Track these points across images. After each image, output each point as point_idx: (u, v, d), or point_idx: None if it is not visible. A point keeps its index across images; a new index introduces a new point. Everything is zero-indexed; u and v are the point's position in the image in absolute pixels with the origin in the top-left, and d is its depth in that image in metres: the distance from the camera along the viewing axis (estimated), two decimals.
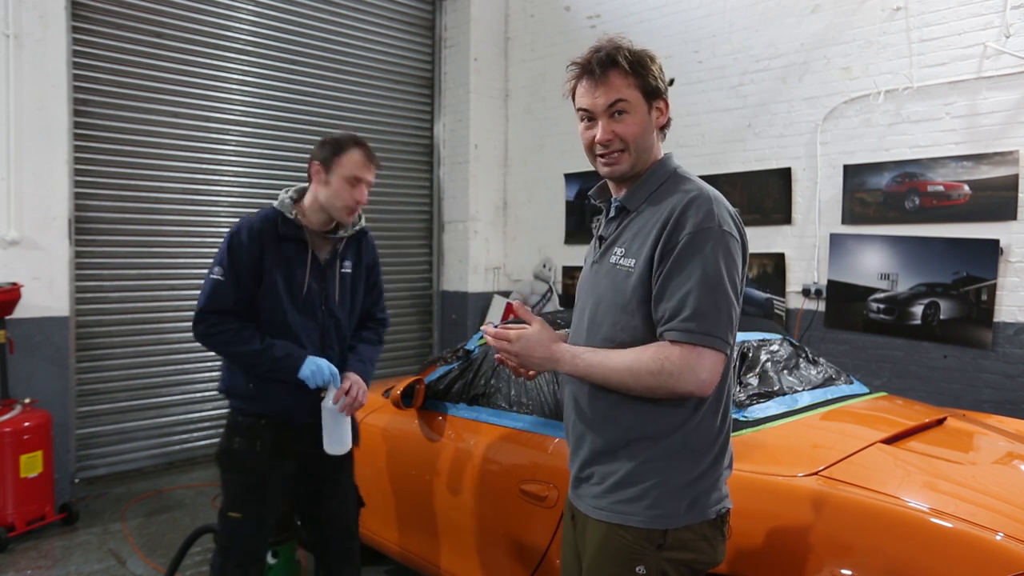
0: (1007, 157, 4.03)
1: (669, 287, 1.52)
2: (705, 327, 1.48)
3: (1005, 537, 1.74)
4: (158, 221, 5.28)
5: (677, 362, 1.48)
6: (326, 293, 2.51)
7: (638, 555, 1.56)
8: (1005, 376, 4.09)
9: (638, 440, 1.59)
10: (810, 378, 2.88)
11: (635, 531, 1.57)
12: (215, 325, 2.38)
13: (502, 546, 2.70)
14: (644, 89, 1.64)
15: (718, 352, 1.50)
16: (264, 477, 2.48)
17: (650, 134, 1.67)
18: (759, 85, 5.10)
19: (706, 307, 1.49)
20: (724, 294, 1.51)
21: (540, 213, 6.70)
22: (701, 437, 1.60)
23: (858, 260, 4.62)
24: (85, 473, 5.01)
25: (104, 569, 3.70)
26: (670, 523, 1.56)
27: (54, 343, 4.51)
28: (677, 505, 1.57)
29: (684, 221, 1.53)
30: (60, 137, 4.52)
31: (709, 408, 1.60)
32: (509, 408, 2.85)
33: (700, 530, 1.59)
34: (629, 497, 1.58)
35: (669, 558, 1.56)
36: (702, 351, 1.49)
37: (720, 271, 1.51)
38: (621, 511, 1.59)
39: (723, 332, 1.50)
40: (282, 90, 5.86)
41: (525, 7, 6.76)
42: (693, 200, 1.56)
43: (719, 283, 1.50)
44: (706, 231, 1.52)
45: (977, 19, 4.15)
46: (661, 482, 1.57)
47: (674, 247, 1.53)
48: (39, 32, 4.40)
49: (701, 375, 1.48)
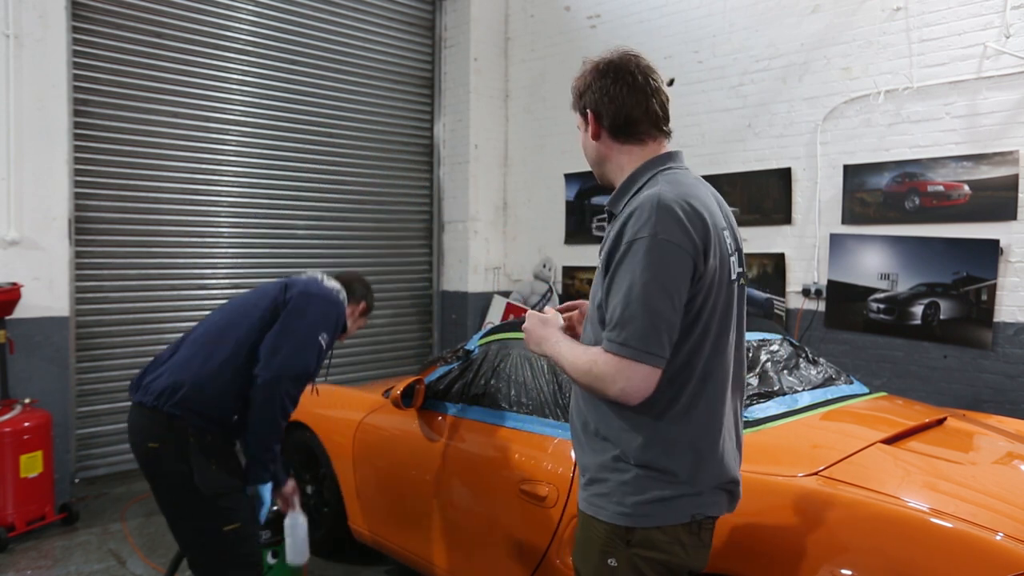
0: (1007, 157, 4.03)
1: (609, 296, 1.57)
2: (623, 338, 1.50)
3: (1005, 537, 1.74)
4: (158, 221, 5.28)
5: (602, 368, 1.53)
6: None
7: (610, 548, 1.61)
8: (1005, 376, 4.09)
9: (606, 439, 1.64)
10: (810, 378, 2.88)
11: (605, 525, 1.61)
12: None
13: (502, 546, 2.70)
14: (578, 110, 1.77)
15: (638, 363, 1.50)
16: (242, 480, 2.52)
17: (591, 147, 1.76)
18: (759, 85, 5.10)
19: (627, 319, 1.50)
20: (647, 306, 1.49)
21: (540, 213, 6.70)
22: (664, 446, 1.59)
23: (858, 260, 4.62)
24: (85, 473, 5.01)
25: (104, 569, 3.70)
26: (636, 522, 1.58)
27: (54, 343, 4.50)
28: (644, 506, 1.58)
29: (624, 231, 1.56)
30: (60, 137, 4.52)
31: (672, 418, 1.59)
32: (509, 408, 2.85)
33: (674, 533, 1.59)
34: (601, 492, 1.64)
35: (640, 555, 1.59)
36: (623, 361, 1.50)
37: (647, 282, 1.49)
38: (595, 504, 1.65)
39: (645, 344, 1.49)
40: (282, 90, 5.86)
41: (525, 7, 6.76)
42: (636, 209, 1.56)
43: (644, 294, 1.49)
44: (640, 241, 1.52)
45: (977, 19, 4.15)
46: (628, 481, 1.59)
47: (615, 256, 1.57)
48: (39, 32, 4.40)
49: (620, 383, 1.51)
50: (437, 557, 3.00)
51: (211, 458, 2.40)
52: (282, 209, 5.87)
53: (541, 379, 2.79)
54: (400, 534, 3.19)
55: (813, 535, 1.92)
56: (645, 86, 1.67)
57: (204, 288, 5.53)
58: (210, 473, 2.38)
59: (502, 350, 3.02)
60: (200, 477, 2.35)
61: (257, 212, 5.74)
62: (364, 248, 6.53)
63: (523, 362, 2.90)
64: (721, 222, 1.65)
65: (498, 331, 3.14)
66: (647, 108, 1.68)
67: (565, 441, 2.56)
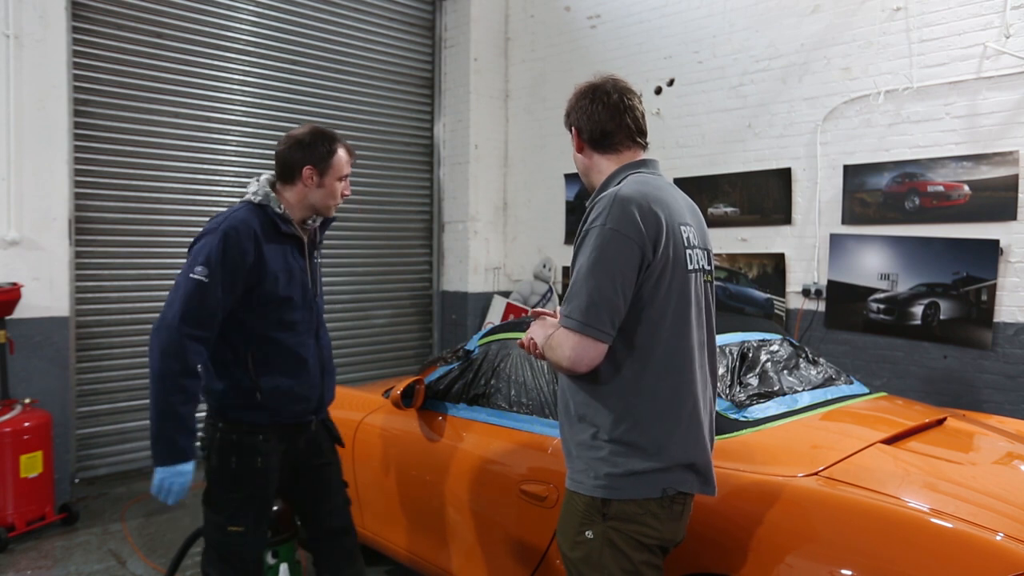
0: (1007, 157, 4.03)
1: (571, 279, 1.79)
2: (569, 311, 1.73)
3: (1005, 537, 1.74)
4: (158, 221, 5.28)
5: (556, 340, 1.77)
6: (313, 285, 2.52)
7: (587, 520, 1.78)
8: (1005, 376, 4.09)
9: (583, 419, 1.82)
10: (810, 378, 2.88)
11: (584, 498, 1.79)
12: (188, 341, 2.18)
13: (502, 546, 2.70)
14: (568, 127, 2.04)
15: (582, 335, 1.70)
16: (263, 490, 2.45)
17: (578, 160, 2.03)
18: (759, 85, 5.10)
19: (572, 295, 1.73)
20: (590, 284, 1.70)
21: (540, 213, 6.70)
22: (637, 420, 1.76)
23: (858, 260, 4.62)
24: (85, 473, 5.01)
25: (104, 569, 3.70)
26: (612, 494, 1.75)
27: (54, 343, 4.50)
28: (618, 479, 1.74)
29: (585, 221, 1.80)
30: (60, 137, 4.52)
31: (642, 397, 1.76)
32: (509, 408, 2.85)
33: (646, 506, 1.76)
34: (579, 468, 1.82)
35: (614, 527, 1.75)
36: (569, 333, 1.72)
37: (592, 264, 1.71)
38: (576, 479, 1.83)
39: (586, 317, 1.70)
40: (282, 90, 5.87)
41: (525, 7, 6.76)
42: (596, 202, 1.80)
43: (588, 275, 1.71)
44: (593, 229, 1.75)
45: (977, 19, 4.15)
46: (603, 457, 1.76)
47: (575, 243, 1.82)
48: (39, 32, 4.40)
49: (566, 352, 1.73)
50: (437, 557, 3.00)
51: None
52: None
53: (541, 379, 2.79)
54: (400, 534, 3.19)
55: (813, 535, 1.92)
56: (619, 103, 1.91)
57: None
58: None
59: (502, 350, 3.01)
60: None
61: None
62: (364, 248, 6.53)
63: (523, 362, 2.90)
64: (683, 220, 1.85)
65: (498, 331, 3.14)
66: (621, 123, 1.91)
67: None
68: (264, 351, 2.37)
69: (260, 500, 2.44)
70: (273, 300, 2.35)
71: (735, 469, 2.15)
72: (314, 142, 2.42)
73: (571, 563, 1.82)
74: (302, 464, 2.57)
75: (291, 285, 2.40)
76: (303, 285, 2.45)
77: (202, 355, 2.24)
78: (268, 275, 2.33)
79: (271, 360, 2.38)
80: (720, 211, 5.27)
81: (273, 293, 2.34)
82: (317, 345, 2.52)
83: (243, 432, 2.38)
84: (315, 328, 2.52)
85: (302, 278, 2.45)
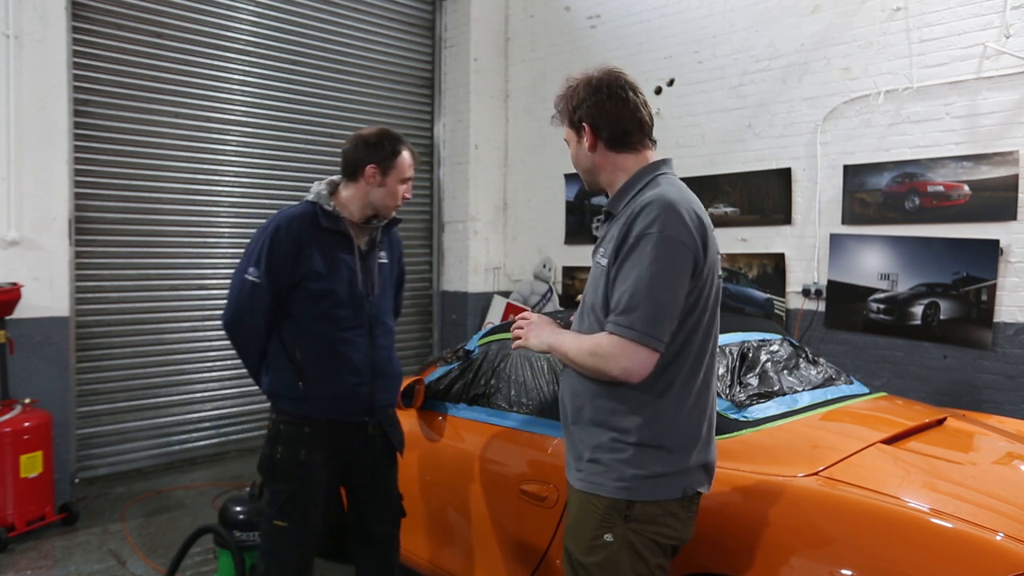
0: (1007, 157, 4.03)
1: (616, 285, 1.73)
2: (631, 321, 1.66)
3: (1005, 537, 1.74)
4: (158, 221, 5.28)
5: (608, 349, 1.69)
6: (370, 284, 2.50)
7: (607, 523, 1.73)
8: (1005, 376, 4.09)
9: (602, 424, 1.77)
10: (810, 378, 2.88)
11: (604, 500, 1.74)
12: (250, 333, 2.46)
13: (502, 546, 2.70)
14: (571, 124, 1.91)
15: (641, 346, 1.66)
16: (308, 486, 2.45)
17: (586, 158, 1.90)
18: (759, 85, 5.10)
19: (635, 305, 1.66)
20: (653, 294, 1.66)
21: (540, 213, 6.70)
22: (666, 426, 1.74)
23: (858, 260, 4.62)
24: (85, 473, 5.01)
25: (104, 569, 3.70)
26: (636, 495, 1.72)
27: (54, 343, 4.50)
28: (643, 480, 1.72)
29: (634, 225, 1.71)
30: (60, 137, 4.52)
31: (674, 399, 1.75)
32: (509, 408, 2.85)
33: (667, 506, 1.74)
34: (596, 470, 1.76)
35: (635, 529, 1.72)
36: (627, 343, 1.67)
37: (654, 274, 1.66)
38: (594, 481, 1.76)
39: (650, 328, 1.66)
40: (282, 90, 5.86)
41: (525, 7, 6.76)
42: (645, 206, 1.71)
43: (650, 284, 1.66)
44: (649, 235, 1.67)
45: (977, 19, 4.14)
46: (627, 459, 1.73)
47: (623, 249, 1.72)
48: (39, 32, 4.40)
49: (624, 363, 1.67)
50: (437, 557, 3.00)
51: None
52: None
53: (541, 379, 2.79)
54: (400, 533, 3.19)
55: (813, 535, 1.92)
56: (636, 100, 1.85)
57: (204, 288, 5.53)
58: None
59: (502, 350, 3.01)
60: None
61: (257, 212, 5.73)
62: None
63: (523, 362, 2.90)
64: (711, 224, 1.81)
65: (498, 331, 3.14)
66: (640, 121, 1.86)
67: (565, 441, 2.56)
68: (307, 344, 2.43)
69: (304, 497, 2.44)
70: (314, 294, 2.41)
71: (735, 469, 2.15)
72: (380, 142, 2.47)
73: (584, 568, 1.77)
74: (354, 466, 2.56)
75: (334, 280, 2.42)
76: (351, 282, 2.45)
77: (260, 341, 2.46)
78: (310, 270, 2.41)
79: (314, 354, 2.43)
80: (720, 211, 5.27)
81: (314, 288, 2.41)
82: (371, 345, 2.49)
83: (290, 423, 2.46)
84: (368, 327, 2.49)
85: (349, 275, 2.45)
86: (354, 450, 2.52)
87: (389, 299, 2.60)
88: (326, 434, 2.46)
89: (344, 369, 2.44)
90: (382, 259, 2.57)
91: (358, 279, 2.46)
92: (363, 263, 2.49)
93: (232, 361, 5.69)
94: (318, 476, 2.46)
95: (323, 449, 2.46)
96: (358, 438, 2.51)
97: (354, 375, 2.45)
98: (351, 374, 2.44)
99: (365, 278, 2.49)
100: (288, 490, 2.43)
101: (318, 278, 2.40)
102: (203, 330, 5.54)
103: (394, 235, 2.69)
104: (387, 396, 2.57)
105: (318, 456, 2.45)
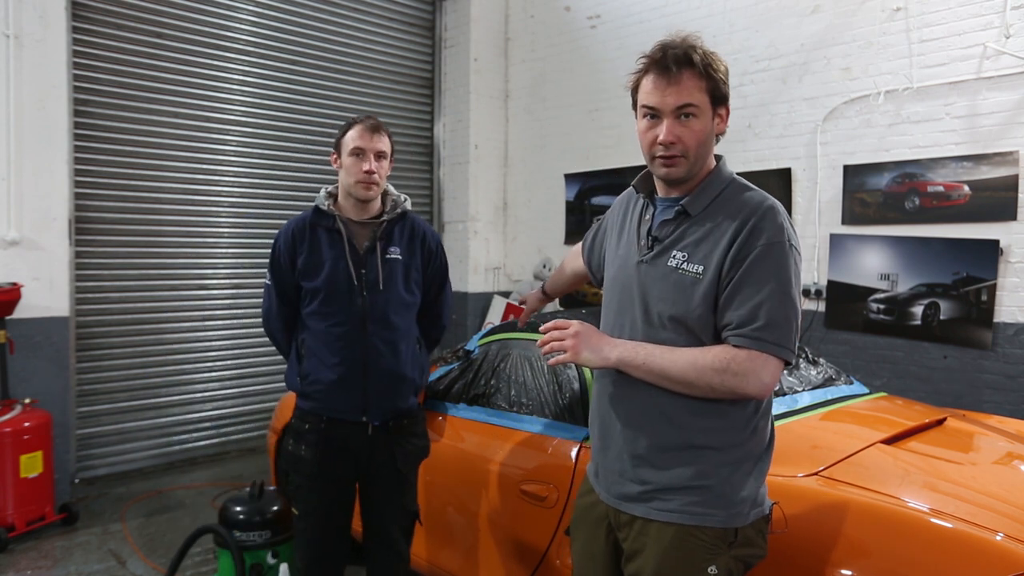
0: (1007, 157, 4.03)
1: (739, 295, 1.57)
2: (775, 337, 1.55)
3: (1005, 537, 1.74)
4: (158, 221, 5.28)
5: (745, 364, 1.55)
6: (368, 279, 2.46)
7: (712, 555, 1.61)
8: (1005, 376, 4.09)
9: (704, 445, 1.63)
10: (810, 378, 2.88)
11: (711, 531, 1.61)
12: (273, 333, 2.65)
13: (502, 546, 2.70)
14: (713, 94, 1.63)
15: (781, 361, 1.58)
16: (312, 480, 2.50)
17: (711, 141, 1.68)
18: (759, 85, 5.10)
19: (778, 318, 1.55)
20: (793, 307, 1.58)
21: (540, 213, 6.70)
22: (759, 441, 1.69)
23: (858, 260, 4.62)
24: (85, 473, 5.01)
25: (104, 569, 3.70)
26: (740, 521, 1.63)
27: (54, 343, 4.50)
28: (744, 504, 1.64)
29: (759, 232, 1.57)
30: (60, 137, 4.52)
31: (763, 413, 1.69)
32: (509, 408, 2.85)
33: (758, 526, 1.68)
34: (705, 499, 1.62)
35: (736, 555, 1.64)
36: (768, 358, 1.56)
37: (791, 285, 1.58)
38: (696, 512, 1.62)
39: (790, 343, 1.58)
40: (282, 90, 5.86)
41: (525, 7, 6.76)
42: (767, 212, 1.60)
43: (789, 296, 1.57)
44: (779, 245, 1.57)
45: (977, 19, 4.14)
46: (731, 484, 1.63)
47: (746, 257, 1.57)
48: (39, 32, 4.40)
49: (764, 379, 1.56)
50: (437, 557, 3.00)
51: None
52: (283, 209, 5.85)
53: (541, 379, 2.79)
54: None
55: (813, 535, 1.92)
56: None
57: (204, 288, 5.53)
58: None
59: (502, 350, 3.01)
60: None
61: (257, 212, 5.74)
62: None
63: (523, 362, 2.90)
64: None
65: (498, 331, 3.14)
66: None
67: (565, 441, 2.56)
68: (306, 340, 2.51)
69: (308, 491, 2.52)
70: (308, 292, 2.50)
71: None
72: (340, 130, 2.57)
73: None
74: (360, 468, 2.54)
75: (323, 277, 2.46)
76: (341, 278, 2.45)
77: (284, 340, 2.63)
78: (303, 269, 2.49)
79: (311, 348, 2.49)
80: None
81: (307, 286, 2.49)
82: (364, 342, 2.44)
83: (299, 418, 2.56)
84: (361, 322, 2.44)
85: (341, 271, 2.45)
86: (359, 451, 2.50)
87: (399, 295, 2.52)
88: (326, 431, 2.48)
89: (331, 364, 2.44)
90: (392, 254, 2.52)
91: (351, 275, 2.45)
92: (358, 259, 2.46)
93: (232, 361, 5.70)
94: (321, 471, 2.49)
95: (324, 446, 2.47)
96: (359, 438, 2.49)
97: (342, 370, 2.44)
98: (341, 371, 2.44)
99: (360, 274, 2.46)
100: (297, 481, 2.57)
101: (309, 276, 2.48)
102: (203, 330, 5.54)
103: (417, 231, 2.61)
104: (387, 396, 2.49)
105: (319, 452, 2.47)
